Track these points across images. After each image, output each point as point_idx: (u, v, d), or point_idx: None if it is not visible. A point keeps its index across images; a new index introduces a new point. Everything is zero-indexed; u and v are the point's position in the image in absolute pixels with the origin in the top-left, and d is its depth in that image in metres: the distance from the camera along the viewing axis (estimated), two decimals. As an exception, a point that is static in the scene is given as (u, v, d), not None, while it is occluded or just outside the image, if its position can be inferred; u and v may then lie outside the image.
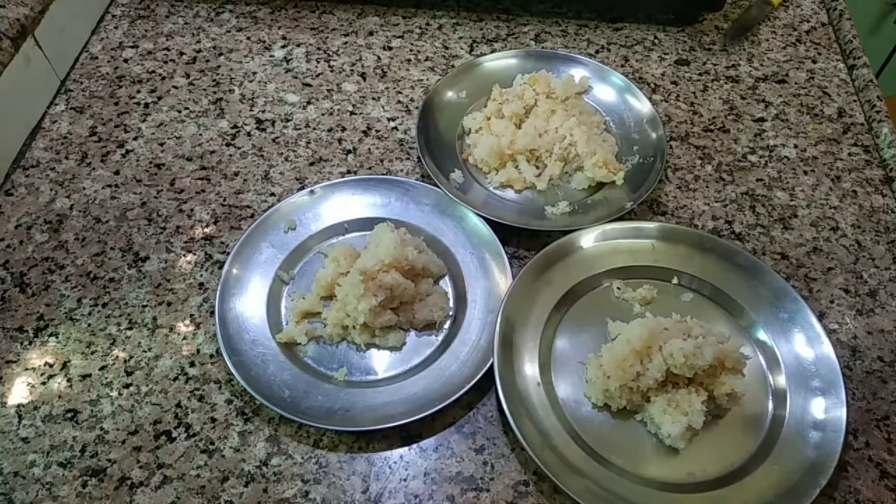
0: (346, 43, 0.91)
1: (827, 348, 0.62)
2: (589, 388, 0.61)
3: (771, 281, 0.66)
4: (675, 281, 0.68)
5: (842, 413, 0.58)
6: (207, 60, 0.89)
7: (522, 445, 0.56)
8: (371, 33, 0.92)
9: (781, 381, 0.62)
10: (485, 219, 0.70)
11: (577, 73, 0.84)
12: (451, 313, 0.67)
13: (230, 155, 0.79)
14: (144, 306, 0.67)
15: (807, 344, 0.63)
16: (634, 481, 0.57)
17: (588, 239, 0.69)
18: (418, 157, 0.77)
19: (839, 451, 0.56)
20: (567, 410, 0.61)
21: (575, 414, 0.60)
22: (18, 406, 0.61)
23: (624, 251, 0.69)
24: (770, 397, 0.62)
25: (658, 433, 0.59)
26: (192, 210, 0.74)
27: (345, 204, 0.72)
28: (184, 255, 0.71)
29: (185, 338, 0.65)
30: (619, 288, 0.68)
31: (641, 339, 0.59)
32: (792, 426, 0.59)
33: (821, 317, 0.66)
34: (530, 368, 0.62)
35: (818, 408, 0.59)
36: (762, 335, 0.65)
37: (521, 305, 0.64)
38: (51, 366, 0.63)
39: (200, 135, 0.81)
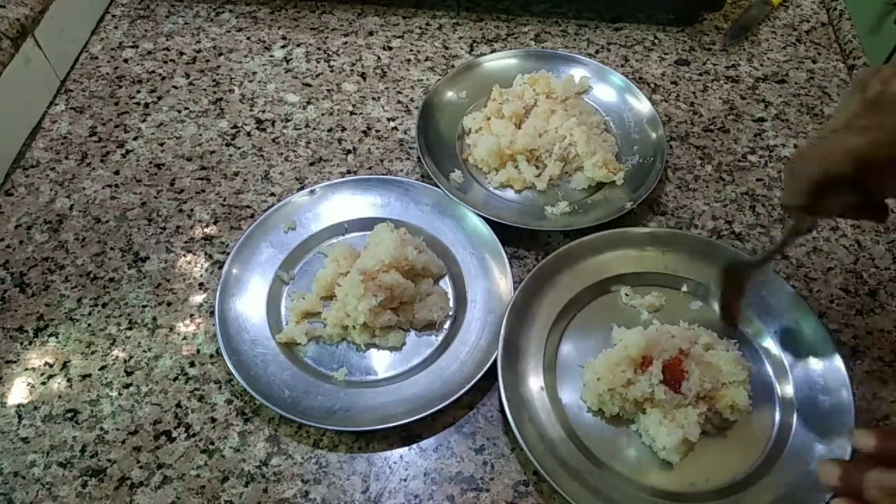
0: (346, 43, 0.91)
1: (832, 352, 0.61)
2: (585, 391, 0.61)
3: (770, 281, 0.65)
4: (684, 289, 0.67)
5: (849, 419, 0.57)
6: (207, 60, 0.89)
7: (524, 449, 0.56)
8: (371, 33, 0.92)
9: (789, 390, 0.61)
10: (485, 219, 0.70)
11: (577, 73, 0.84)
12: (451, 313, 0.67)
13: (230, 155, 0.79)
14: (144, 306, 0.67)
15: (809, 346, 0.62)
16: (635, 489, 0.56)
17: (596, 244, 0.68)
18: (418, 157, 0.77)
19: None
20: (570, 416, 0.60)
21: (577, 419, 0.60)
22: (18, 406, 0.61)
23: (633, 257, 0.68)
24: (777, 407, 0.61)
25: (652, 445, 0.58)
26: (192, 210, 0.74)
27: (345, 204, 0.72)
28: (184, 255, 0.71)
29: (185, 338, 0.65)
30: (626, 294, 0.67)
31: (638, 347, 0.58)
32: (799, 436, 0.58)
33: (821, 317, 0.66)
34: (534, 373, 0.61)
35: (825, 416, 0.59)
36: (768, 343, 0.64)
37: (527, 309, 0.64)
38: (51, 366, 0.63)
39: (200, 135, 0.81)
